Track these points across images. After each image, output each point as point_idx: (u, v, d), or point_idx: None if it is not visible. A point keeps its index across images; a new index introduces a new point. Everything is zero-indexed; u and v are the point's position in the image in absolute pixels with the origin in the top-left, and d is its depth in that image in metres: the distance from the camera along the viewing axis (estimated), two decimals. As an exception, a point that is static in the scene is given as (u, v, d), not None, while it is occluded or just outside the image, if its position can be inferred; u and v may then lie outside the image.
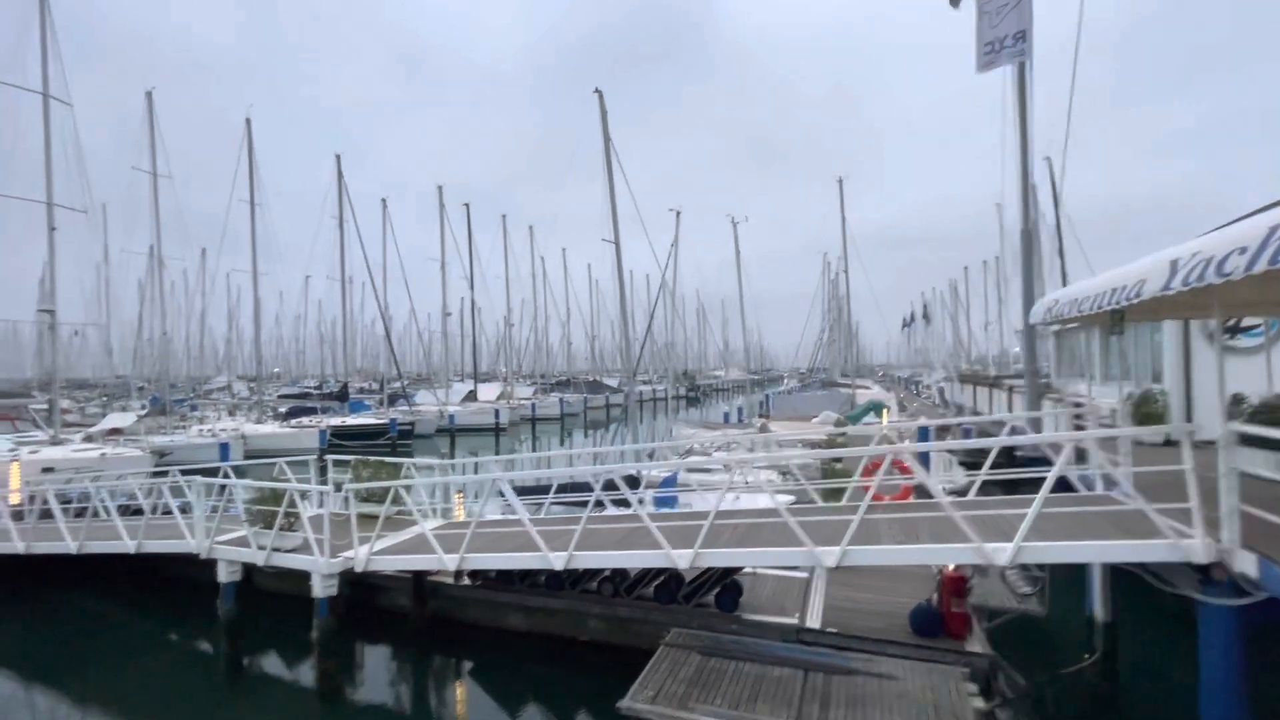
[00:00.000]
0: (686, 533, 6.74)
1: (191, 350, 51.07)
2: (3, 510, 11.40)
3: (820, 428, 27.44)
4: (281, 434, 29.11)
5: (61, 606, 11.71)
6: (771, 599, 8.66)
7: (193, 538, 8.88)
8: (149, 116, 27.36)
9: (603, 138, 12.37)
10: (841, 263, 51.34)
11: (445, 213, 40.68)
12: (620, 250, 12.66)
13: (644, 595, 8.80)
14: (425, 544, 7.87)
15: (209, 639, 9.98)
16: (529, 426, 44.01)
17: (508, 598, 9.31)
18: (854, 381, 34.60)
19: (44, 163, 21.57)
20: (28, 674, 9.50)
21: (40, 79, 21.45)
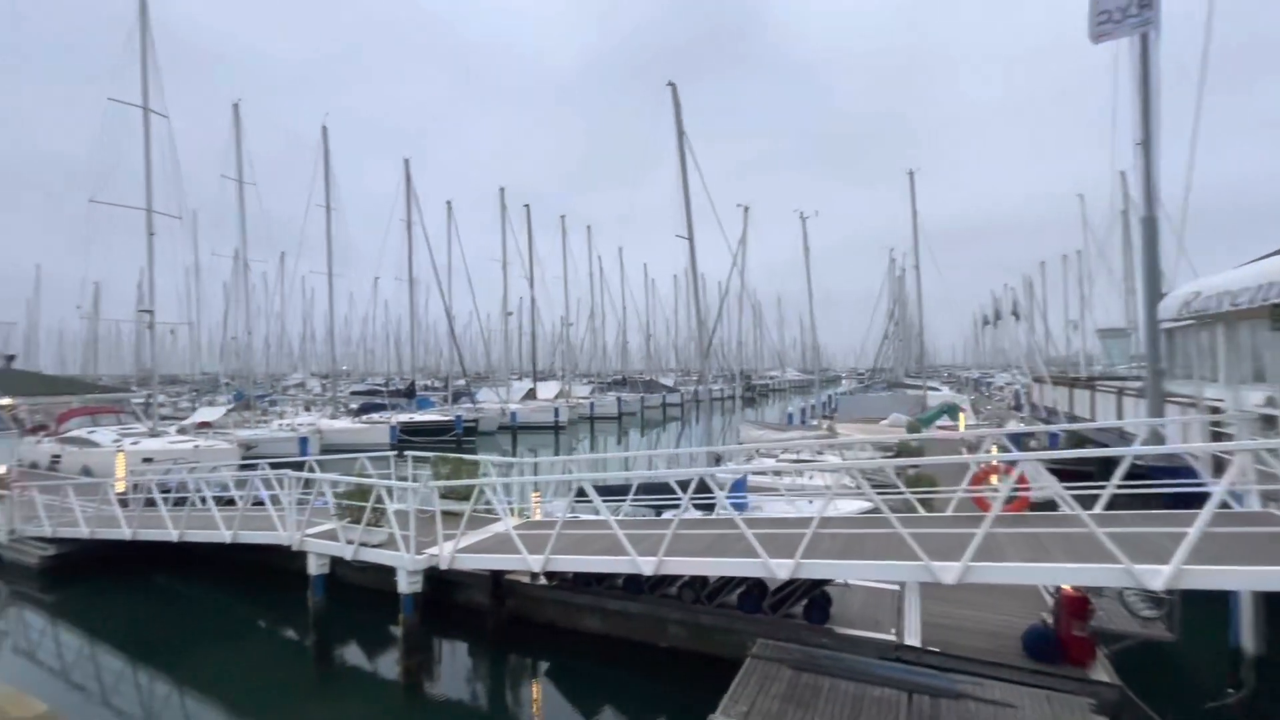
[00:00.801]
0: (781, 541, 6.40)
1: (270, 348, 53.86)
2: (112, 498, 12.11)
3: (891, 430, 26.42)
4: (354, 429, 30.23)
5: (164, 590, 12.42)
6: (863, 612, 8.19)
7: (284, 530, 9.15)
8: (235, 127, 28.97)
9: (676, 132, 12.11)
10: (907, 258, 49.65)
11: (507, 214, 41.40)
12: (694, 246, 12.38)
13: (726, 603, 8.49)
14: (509, 543, 7.81)
15: (299, 628, 10.30)
16: (587, 425, 44.26)
17: (585, 599, 9.19)
18: (924, 383, 33.04)
19: (144, 172, 23.08)
20: (137, 652, 10.04)
21: (140, 94, 22.95)
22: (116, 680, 9.51)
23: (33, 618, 11.79)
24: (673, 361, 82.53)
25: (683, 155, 12.19)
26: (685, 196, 12.14)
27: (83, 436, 22.11)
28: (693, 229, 12.28)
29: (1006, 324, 32.76)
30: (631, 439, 41.44)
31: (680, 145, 12.19)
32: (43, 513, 12.63)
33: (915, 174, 32.59)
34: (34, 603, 12.16)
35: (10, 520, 13.31)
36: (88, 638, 10.82)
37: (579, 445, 38.38)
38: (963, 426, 24.57)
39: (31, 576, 12.75)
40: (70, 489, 12.81)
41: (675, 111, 12.30)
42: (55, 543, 12.67)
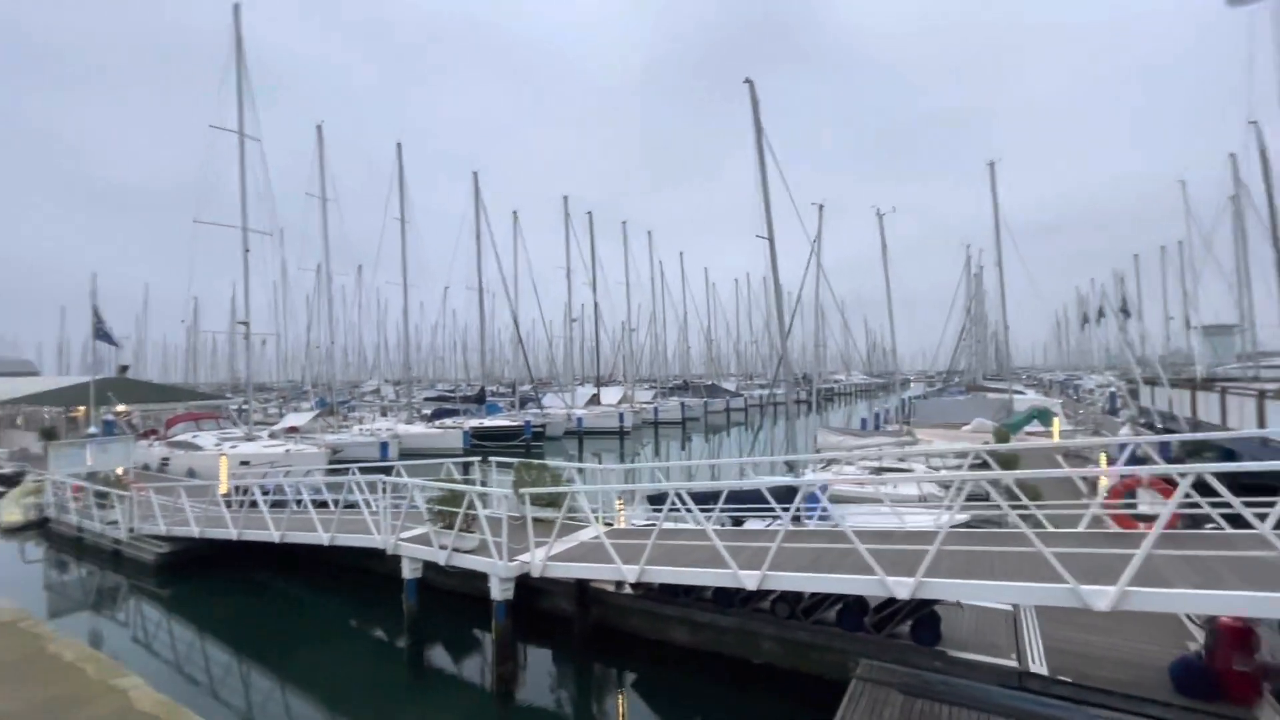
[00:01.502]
0: (891, 557, 5.99)
1: (349, 357, 56.55)
2: (218, 500, 12.82)
3: (975, 436, 24.95)
4: (429, 434, 31.21)
5: (265, 587, 13.02)
6: (976, 634, 7.60)
7: (379, 534, 9.37)
8: (318, 147, 30.63)
9: (754, 129, 11.75)
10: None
11: (570, 222, 41.91)
12: (774, 247, 12.00)
13: (824, 619, 8.07)
14: (600, 552, 7.70)
15: (391, 630, 10.56)
16: (651, 430, 44.15)
17: (672, 611, 8.96)
18: (1009, 386, 31.09)
19: (239, 193, 24.63)
20: (242, 647, 10.53)
21: (237, 120, 24.52)
22: (224, 673, 9.99)
23: (150, 610, 12.57)
24: (733, 366, 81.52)
25: (761, 153, 11.85)
26: (765, 195, 11.77)
27: (188, 440, 23.74)
28: (773, 229, 11.93)
29: (1108, 322, 30.31)
30: (695, 444, 41.01)
31: (759, 142, 11.85)
32: (158, 513, 13.53)
33: (995, 165, 30.74)
34: (151, 596, 13.00)
35: (130, 519, 14.33)
36: (198, 631, 11.46)
37: (643, 450, 38.27)
38: (1057, 433, 22.91)
39: (148, 572, 13.67)
40: (182, 490, 13.67)
41: (753, 108, 11.97)
42: (169, 540, 13.55)
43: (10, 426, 30.69)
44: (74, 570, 14.95)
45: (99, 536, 15.09)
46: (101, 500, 15.31)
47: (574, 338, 51.67)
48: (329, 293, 30.65)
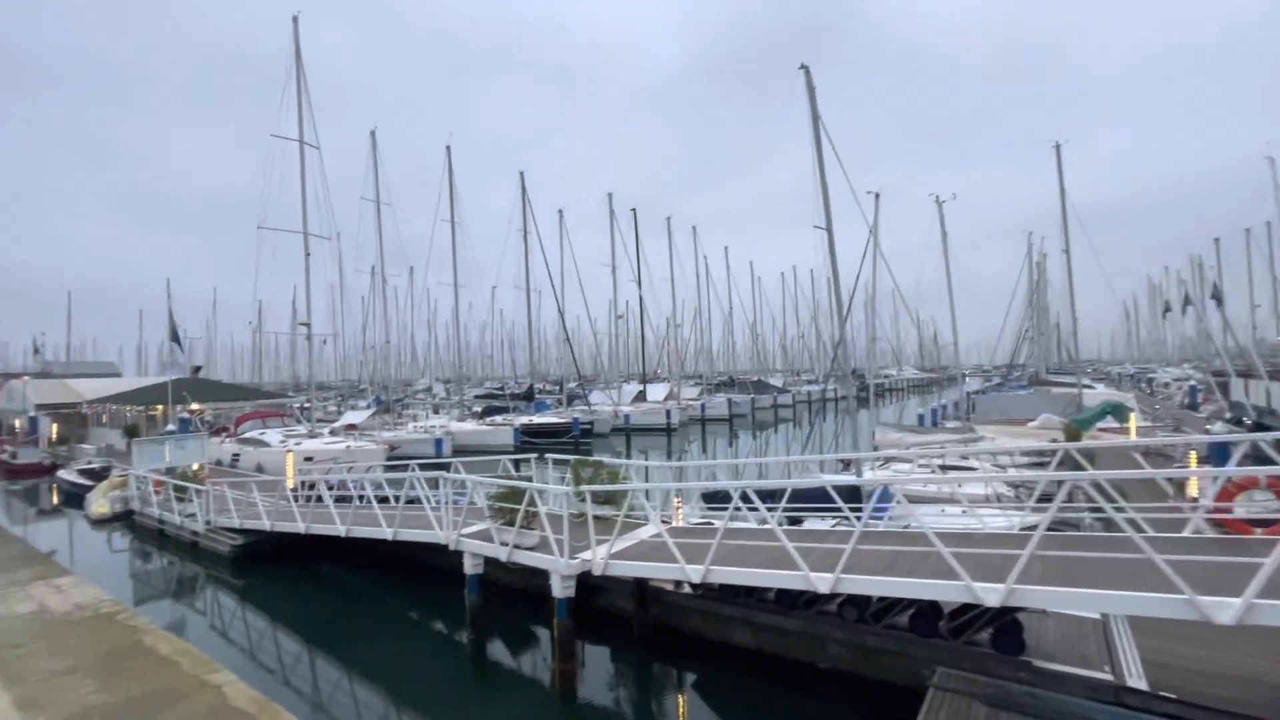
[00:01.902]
0: (974, 561, 5.64)
1: (402, 356, 58.22)
2: (288, 495, 13.30)
3: (1042, 433, 23.74)
4: (480, 431, 31.79)
5: (330, 579, 13.45)
6: (1062, 644, 7.16)
7: (441, 530, 9.51)
8: (372, 152, 31.52)
9: (811, 117, 11.35)
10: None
11: (615, 219, 41.96)
12: (833, 237, 11.58)
13: (894, 624, 7.75)
14: (662, 550, 7.58)
15: (451, 623, 10.73)
16: (698, 427, 43.84)
17: (733, 611, 8.78)
18: (1077, 379, 29.47)
19: (300, 199, 25.57)
20: (311, 637, 10.89)
21: (297, 129, 25.45)
22: (294, 662, 10.34)
23: (226, 600, 13.15)
24: (778, 361, 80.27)
25: (819, 141, 11.45)
26: (823, 185, 11.36)
27: (256, 437, 24.85)
28: (831, 219, 11.50)
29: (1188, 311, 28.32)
30: (743, 441, 40.51)
31: (816, 130, 11.45)
32: (232, 507, 14.15)
33: (1060, 146, 29.09)
34: (226, 586, 13.60)
35: (206, 512, 15.05)
36: (270, 620, 11.91)
37: (690, 447, 38.04)
38: (1134, 430, 21.56)
39: (223, 563, 14.32)
40: (254, 486, 14.25)
41: (809, 96, 11.58)
42: (242, 533, 14.15)
43: (97, 424, 32.83)
44: (156, 560, 15.81)
45: (178, 529, 15.90)
46: (180, 494, 16.13)
47: (618, 334, 51.73)
48: (384, 294, 31.56)
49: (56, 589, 5.94)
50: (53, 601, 5.77)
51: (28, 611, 5.99)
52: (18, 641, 5.50)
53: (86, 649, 5.19)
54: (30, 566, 6.66)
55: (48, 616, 5.83)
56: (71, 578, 6.62)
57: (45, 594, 5.85)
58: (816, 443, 37.53)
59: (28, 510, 23.32)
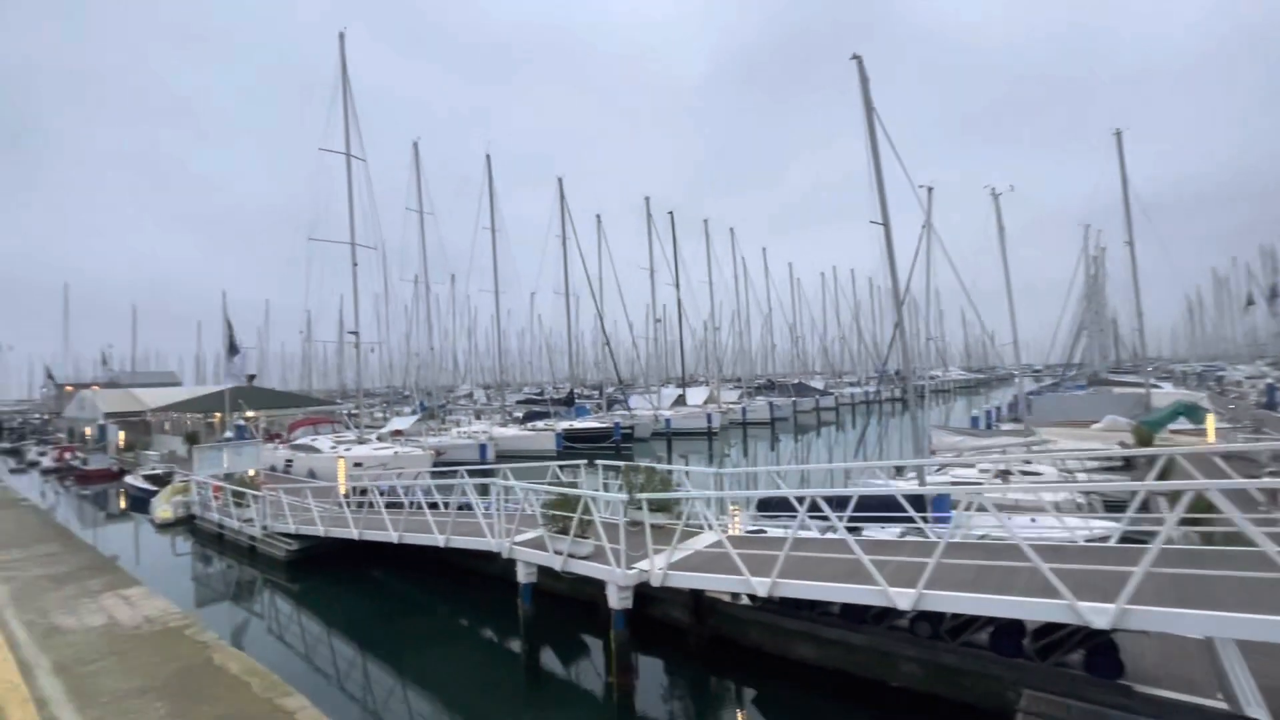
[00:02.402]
0: (1078, 577, 5.17)
1: (444, 363, 59.18)
2: (342, 502, 13.46)
3: (1109, 435, 22.47)
4: (523, 436, 31.95)
5: (382, 584, 13.55)
6: (1164, 667, 6.56)
7: (493, 537, 9.41)
8: (415, 163, 32.15)
9: (865, 108, 10.88)
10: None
11: (652, 222, 41.81)
12: (890, 232, 11.06)
13: (973, 641, 7.27)
14: (724, 561, 7.29)
15: (502, 631, 10.62)
16: (739, 431, 43.23)
17: (796, 625, 8.40)
18: (1145, 378, 27.87)
19: (347, 210, 26.17)
20: (364, 642, 10.93)
21: (344, 143, 26.08)
22: (349, 667, 10.38)
23: (282, 604, 13.37)
24: (817, 364, 78.72)
25: (873, 133, 10.93)
26: (878, 179, 10.84)
27: (308, 444, 25.47)
28: (888, 215, 11.00)
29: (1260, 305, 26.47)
30: (786, 445, 39.72)
31: (870, 122, 10.97)
32: (288, 512, 14.42)
33: (1118, 134, 27.64)
34: (282, 590, 13.85)
35: (263, 517, 15.39)
36: (324, 625, 12.04)
37: (731, 451, 37.49)
38: (1212, 432, 20.19)
39: (279, 568, 14.60)
40: (309, 492, 14.51)
41: (862, 86, 11.10)
42: (297, 538, 14.41)
43: (160, 431, 34.26)
44: (216, 563, 16.26)
45: (237, 533, 16.33)
46: (239, 500, 16.57)
47: (656, 338, 51.52)
48: (428, 303, 32.09)
49: (126, 600, 5.94)
50: (122, 614, 5.79)
51: (99, 624, 6.01)
52: (89, 657, 5.52)
53: (157, 667, 5.21)
54: (100, 575, 6.74)
55: (118, 630, 5.84)
56: (140, 588, 6.67)
57: (115, 605, 5.86)
58: (870, 447, 36.50)
59: (97, 514, 24.41)
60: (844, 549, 7.69)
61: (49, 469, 35.19)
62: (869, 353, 78.49)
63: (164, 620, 5.91)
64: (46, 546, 7.77)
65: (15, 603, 6.45)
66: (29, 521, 9.45)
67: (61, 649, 5.61)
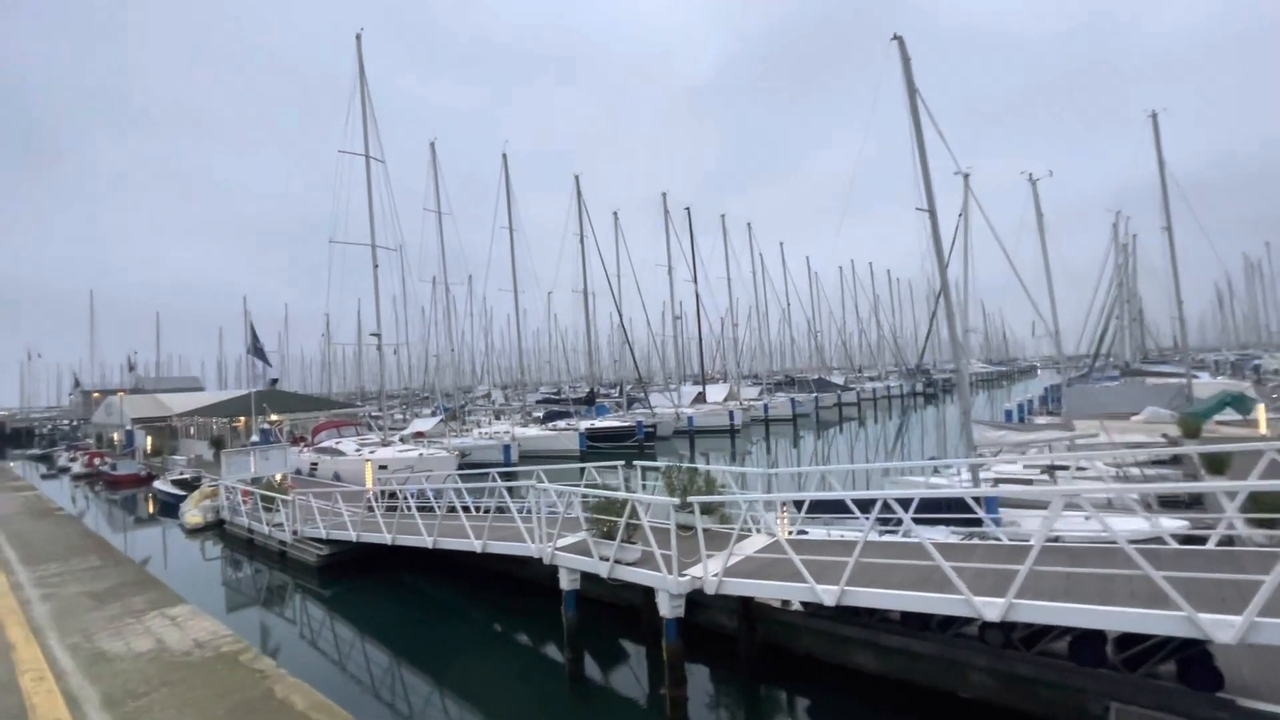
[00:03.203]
0: (1180, 586, 4.74)
1: (462, 364, 59.23)
2: (374, 506, 13.24)
3: (1151, 428, 21.71)
4: (545, 436, 31.73)
5: (415, 591, 13.30)
6: (1263, 677, 6.09)
7: (533, 542, 9.11)
8: (432, 163, 32.04)
9: (907, 90, 10.41)
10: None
11: (670, 218, 41.39)
12: (937, 219, 10.59)
13: (1050, 650, 6.84)
14: (783, 568, 6.92)
15: (538, 637, 10.31)
16: (761, 428, 42.74)
17: (853, 632, 8.00)
18: (1186, 369, 26.94)
19: (367, 212, 26.07)
20: (399, 649, 10.69)
21: (362, 144, 25.98)
22: (384, 675, 10.15)
23: (313, 609, 13.20)
24: (836, 359, 77.82)
25: (916, 115, 10.45)
26: (923, 164, 10.34)
27: (332, 447, 25.43)
28: (934, 201, 10.51)
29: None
30: (810, 442, 39.13)
31: (913, 104, 10.44)
32: (318, 517, 14.26)
33: (1154, 116, 26.70)
34: (314, 596, 13.68)
35: (293, 522, 15.26)
36: (357, 632, 11.83)
37: (754, 448, 37.02)
38: (1264, 423, 19.42)
39: (310, 572, 14.45)
40: (339, 496, 14.33)
41: (904, 67, 10.61)
42: (329, 543, 14.24)
43: (186, 436, 34.53)
44: (246, 568, 16.17)
45: (267, 538, 16.23)
46: (268, 505, 16.47)
47: (676, 335, 51.10)
48: (448, 303, 31.99)
49: (172, 621, 5.58)
50: (171, 637, 5.45)
51: (147, 649, 5.62)
52: (139, 689, 5.15)
53: (213, 701, 4.84)
54: (143, 592, 6.41)
55: (167, 656, 5.46)
56: (185, 607, 6.33)
57: (162, 628, 5.48)
58: (906, 443, 35.72)
59: (127, 519, 24.58)
60: (908, 553, 7.30)
61: (79, 474, 35.65)
62: (890, 347, 77.48)
63: (215, 644, 5.60)
64: (85, 560, 7.51)
65: (57, 624, 6.14)
66: (66, 532, 9.26)
67: (109, 679, 5.27)
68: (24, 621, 5.87)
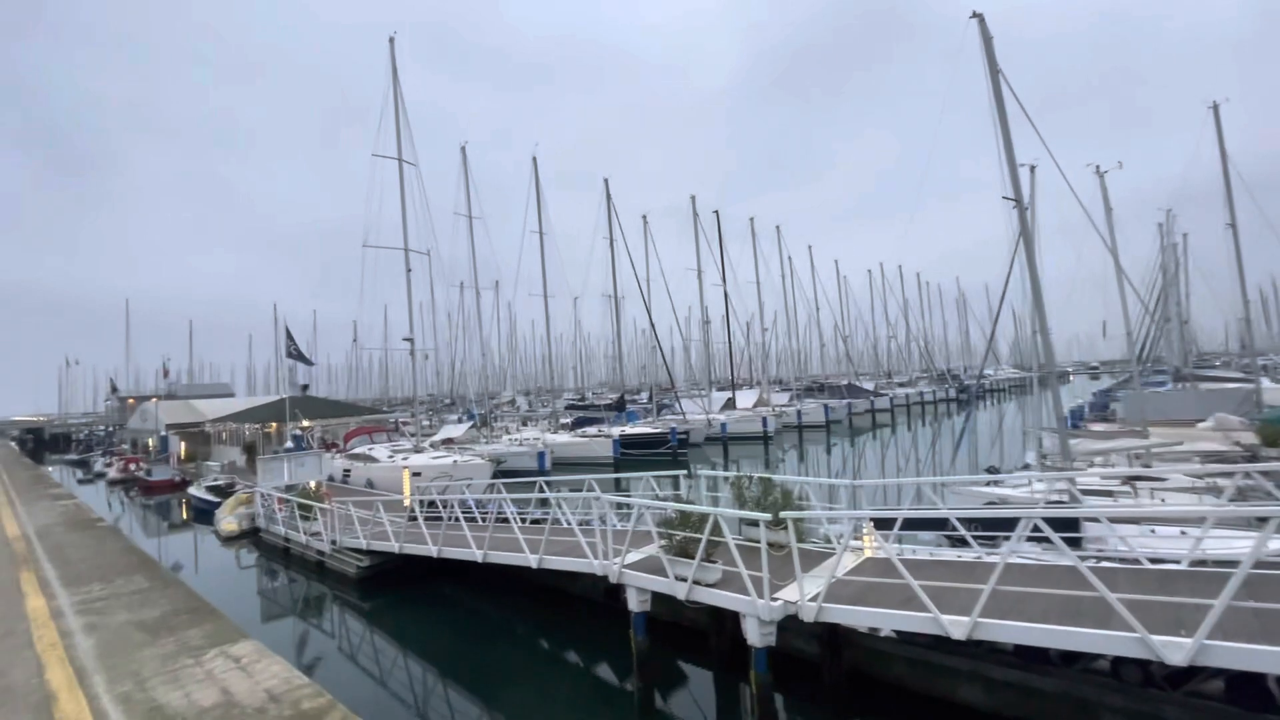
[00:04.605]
0: None
1: (488, 369, 59.06)
2: (418, 516, 12.65)
3: (1221, 435, 20.41)
4: (577, 443, 31.14)
5: (459, 606, 12.65)
6: None
7: (594, 558, 8.44)
8: (463, 167, 31.81)
9: (989, 70, 9.57)
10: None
11: (699, 220, 40.73)
12: (1024, 208, 9.67)
13: (1201, 691, 5.98)
14: (895, 594, 6.16)
15: (607, 664, 9.51)
16: (794, 434, 41.70)
17: (957, 662, 7.20)
18: (1256, 372, 25.45)
19: (397, 217, 25.83)
20: (445, 668, 10.07)
21: (394, 148, 25.78)
22: (430, 696, 9.55)
23: (353, 623, 12.67)
24: (865, 364, 76.24)
25: (1000, 98, 9.62)
26: (1007, 149, 9.46)
27: (365, 453, 25.11)
28: (1021, 190, 9.64)
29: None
30: (842, 451, 37.96)
31: (995, 85, 9.59)
32: (358, 527, 13.77)
33: (1215, 107, 25.39)
34: (353, 608, 13.16)
35: (332, 531, 14.80)
36: (400, 648, 11.26)
37: (786, 455, 36.02)
38: (1352, 428, 18.02)
39: (350, 584, 13.94)
40: (380, 505, 13.83)
41: (985, 47, 9.78)
42: (369, 554, 13.73)
43: (218, 442, 34.63)
44: (282, 578, 15.75)
45: (304, 548, 15.80)
46: (305, 513, 16.06)
47: (705, 340, 50.33)
48: (478, 308, 31.63)
49: (237, 663, 4.54)
50: (238, 686, 4.58)
51: (211, 704, 4.49)
52: None
53: None
54: (199, 623, 5.47)
55: (237, 713, 4.32)
56: (249, 644, 5.41)
57: (226, 671, 4.69)
58: (973, 449, 34.31)
59: (162, 525, 24.51)
60: (1029, 577, 6.49)
61: (115, 479, 35.95)
62: (920, 351, 75.79)
63: (293, 698, 4.45)
64: (131, 580, 6.82)
65: (105, 664, 5.11)
66: (108, 547, 8.69)
67: (171, 746, 4.27)
68: (66, 659, 4.96)
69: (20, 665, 4.95)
